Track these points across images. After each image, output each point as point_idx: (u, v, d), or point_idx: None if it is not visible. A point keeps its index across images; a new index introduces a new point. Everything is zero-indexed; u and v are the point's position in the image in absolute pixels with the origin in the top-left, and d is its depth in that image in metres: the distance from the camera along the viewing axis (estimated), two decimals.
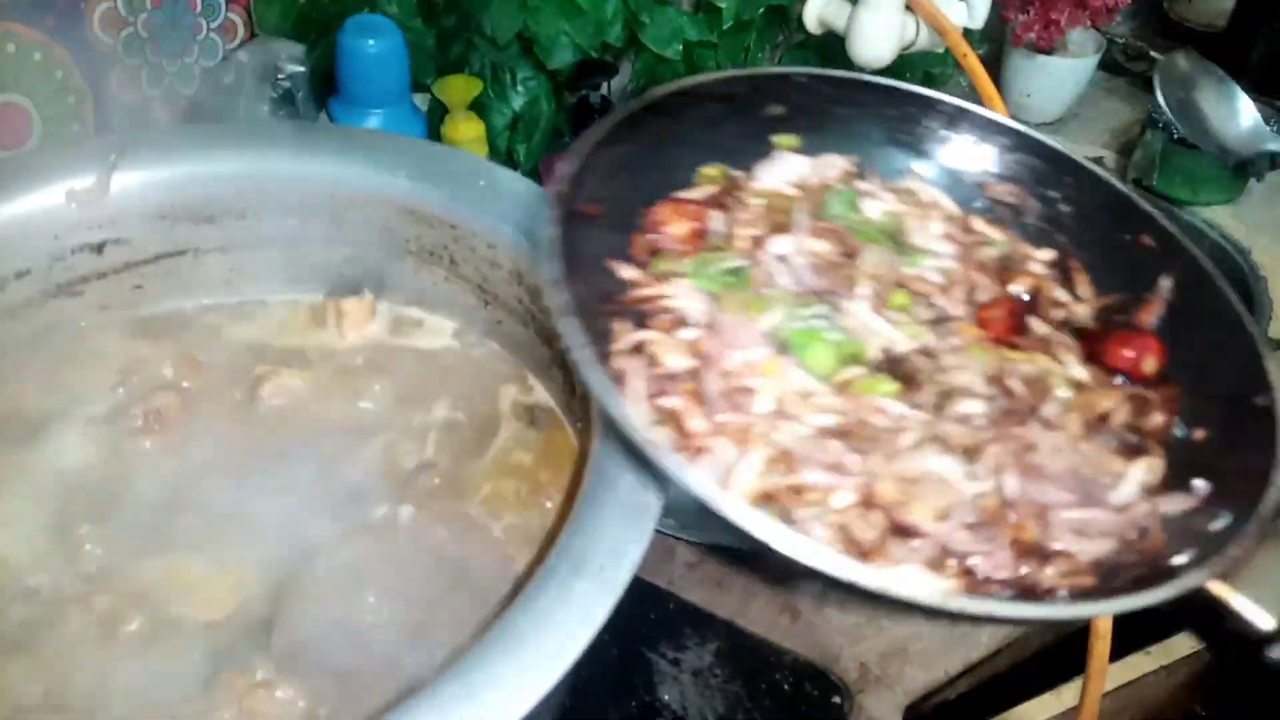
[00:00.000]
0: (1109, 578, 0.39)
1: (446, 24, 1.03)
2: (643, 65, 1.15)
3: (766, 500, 0.39)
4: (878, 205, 0.53)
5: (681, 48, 1.14)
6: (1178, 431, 0.45)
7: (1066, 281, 0.52)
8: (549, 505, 0.58)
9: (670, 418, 0.42)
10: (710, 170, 0.53)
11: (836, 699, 0.73)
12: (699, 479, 0.37)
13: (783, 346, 0.45)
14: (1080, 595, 0.38)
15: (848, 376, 0.45)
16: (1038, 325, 0.50)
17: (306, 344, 0.67)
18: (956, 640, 0.81)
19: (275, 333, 0.67)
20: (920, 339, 0.47)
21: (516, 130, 1.10)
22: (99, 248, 0.63)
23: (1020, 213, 0.54)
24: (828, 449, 0.41)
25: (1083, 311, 0.51)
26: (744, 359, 0.44)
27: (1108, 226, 0.52)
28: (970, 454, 0.42)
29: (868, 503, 0.40)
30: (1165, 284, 0.49)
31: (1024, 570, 0.39)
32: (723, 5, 1.08)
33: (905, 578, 0.38)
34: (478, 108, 1.02)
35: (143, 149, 0.63)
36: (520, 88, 1.09)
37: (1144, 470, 0.44)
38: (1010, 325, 0.49)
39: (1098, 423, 0.46)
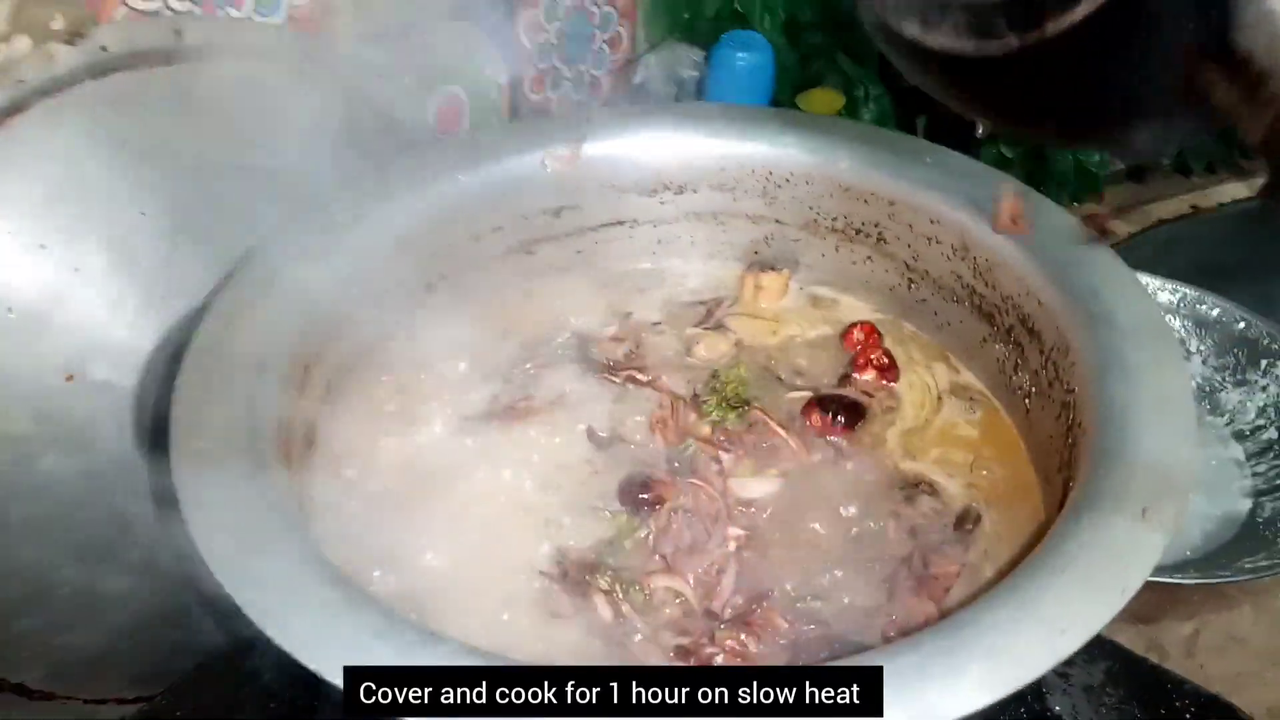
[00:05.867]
0: None
1: (811, 41, 1.07)
2: None
3: None
4: None
5: None
6: None
7: None
8: (985, 473, 0.58)
9: None
10: None
11: None
12: None
13: None
14: None
15: None
16: None
17: (722, 312, 0.70)
18: None
19: (693, 298, 0.71)
20: None
21: None
22: (557, 211, 0.69)
23: None
24: None
25: None
26: None
27: None
28: None
29: None
30: None
31: None
32: None
33: None
34: None
35: (604, 125, 0.69)
36: (871, 105, 1.11)
37: None
38: None
39: None
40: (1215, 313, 0.95)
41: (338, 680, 0.36)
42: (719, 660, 0.45)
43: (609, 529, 0.54)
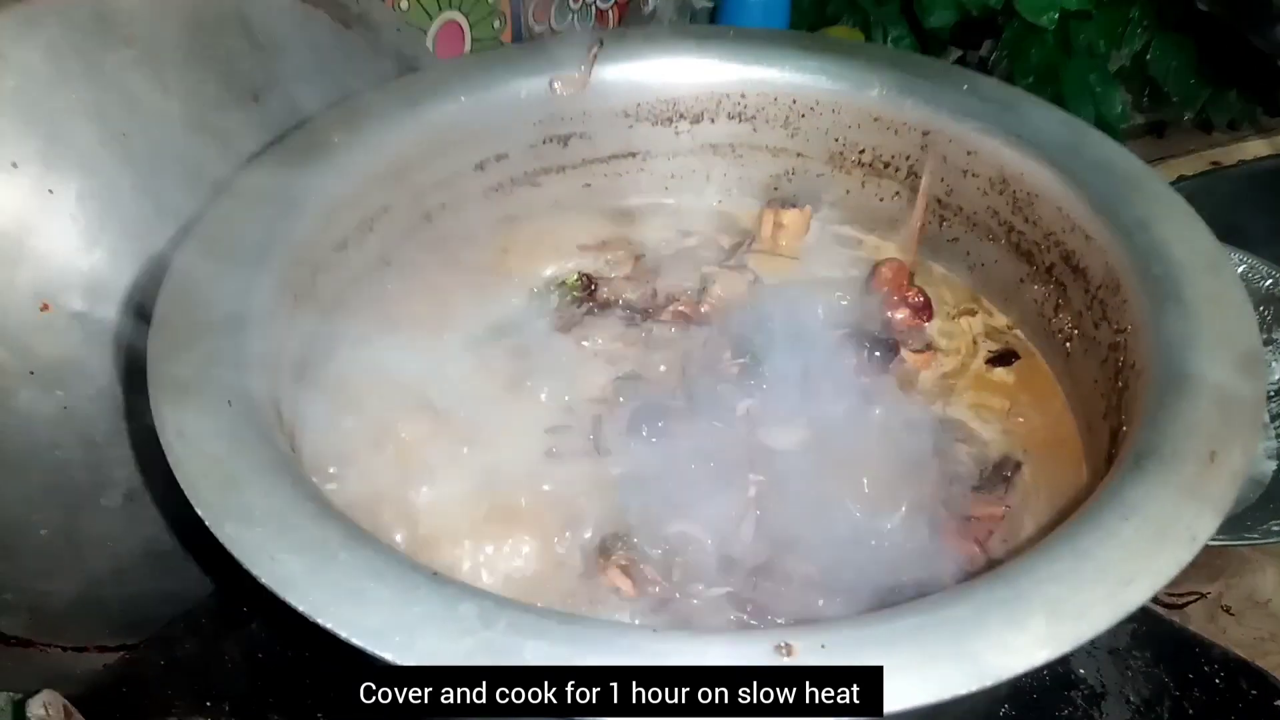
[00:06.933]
0: None
1: None
2: (1011, 34, 1.09)
3: None
4: None
5: (1056, 16, 1.07)
6: None
7: None
8: (1020, 420, 0.55)
9: None
10: None
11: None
12: None
13: None
14: None
15: None
16: None
17: (741, 252, 0.66)
18: None
19: (713, 236, 0.67)
20: None
21: None
22: (565, 140, 0.65)
23: None
24: None
25: None
26: None
27: None
28: None
29: None
30: None
31: None
32: None
33: None
34: None
35: (616, 47, 0.64)
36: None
37: None
38: None
39: None
40: (1240, 269, 0.91)
41: (329, 623, 0.33)
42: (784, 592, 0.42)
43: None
